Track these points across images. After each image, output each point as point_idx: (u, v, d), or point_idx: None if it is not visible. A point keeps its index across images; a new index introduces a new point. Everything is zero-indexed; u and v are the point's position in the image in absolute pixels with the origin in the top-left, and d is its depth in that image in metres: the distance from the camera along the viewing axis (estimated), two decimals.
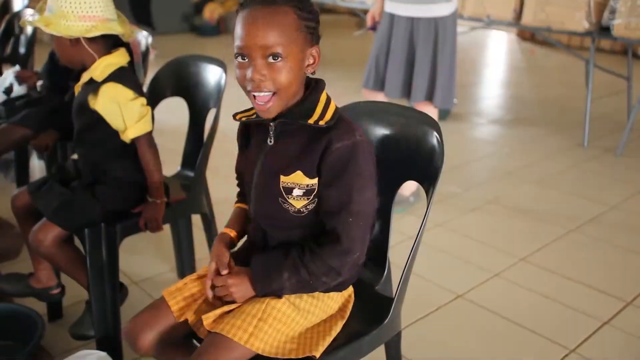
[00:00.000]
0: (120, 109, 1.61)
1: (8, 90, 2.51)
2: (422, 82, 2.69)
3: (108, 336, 1.70)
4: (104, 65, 1.63)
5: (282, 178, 1.11)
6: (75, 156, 1.89)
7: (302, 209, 1.12)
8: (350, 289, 1.25)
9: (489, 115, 4.49)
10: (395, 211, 1.40)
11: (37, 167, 3.04)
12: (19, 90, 2.53)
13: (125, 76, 1.64)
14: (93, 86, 1.63)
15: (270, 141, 1.14)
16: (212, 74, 1.94)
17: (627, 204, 2.92)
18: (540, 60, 6.70)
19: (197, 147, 2.00)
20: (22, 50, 3.00)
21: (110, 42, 1.66)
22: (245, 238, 1.31)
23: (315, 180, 1.10)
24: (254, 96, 1.06)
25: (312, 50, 1.10)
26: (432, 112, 2.73)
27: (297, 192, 1.11)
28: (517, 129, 4.14)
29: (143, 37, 2.68)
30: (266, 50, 1.03)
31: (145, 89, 2.04)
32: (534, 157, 3.56)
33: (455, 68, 2.77)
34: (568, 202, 2.94)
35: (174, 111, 2.45)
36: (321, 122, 1.09)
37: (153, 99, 2.07)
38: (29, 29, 2.98)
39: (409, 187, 2.78)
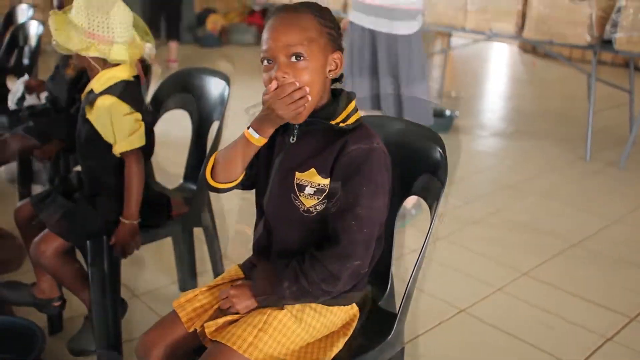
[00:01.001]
0: (112, 122, 1.61)
1: (20, 101, 2.53)
2: (388, 97, 2.62)
3: (109, 350, 1.69)
4: (105, 78, 1.64)
5: (297, 174, 1.13)
6: (78, 167, 1.89)
7: (311, 209, 1.13)
8: (355, 308, 1.24)
9: (490, 127, 4.49)
10: (396, 225, 1.39)
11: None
12: (28, 100, 2.55)
13: (125, 90, 1.64)
14: (91, 97, 1.63)
15: (293, 139, 1.16)
16: (215, 87, 1.94)
17: (630, 217, 2.91)
18: (542, 72, 6.72)
19: (199, 160, 2.00)
20: (26, 61, 3.01)
21: None
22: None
23: (327, 181, 1.12)
24: None
25: (334, 56, 1.14)
26: None
27: (308, 190, 1.12)
28: (518, 141, 4.14)
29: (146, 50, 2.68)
30: (289, 50, 1.07)
31: (147, 102, 2.05)
32: (536, 170, 3.55)
33: (427, 87, 2.68)
34: (570, 215, 2.93)
35: (177, 124, 2.45)
36: (342, 124, 1.12)
37: (156, 112, 2.07)
38: (33, 41, 3.00)
39: (410, 200, 2.77)
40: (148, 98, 2.08)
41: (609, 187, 3.31)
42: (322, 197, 1.12)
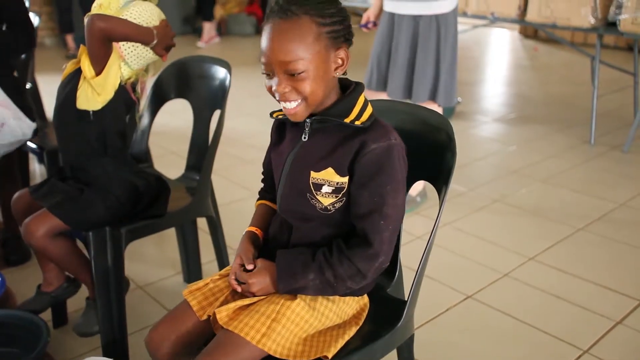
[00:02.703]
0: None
1: None
2: (425, 81, 2.65)
3: (115, 342, 1.68)
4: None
5: (312, 174, 1.11)
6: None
7: (329, 207, 1.12)
8: (367, 298, 1.23)
9: (493, 113, 4.46)
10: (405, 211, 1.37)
11: (37, 171, 3.02)
12: None
13: None
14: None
15: (305, 137, 1.14)
16: (216, 75, 1.92)
17: (636, 200, 2.89)
18: (544, 57, 6.67)
19: (201, 149, 1.97)
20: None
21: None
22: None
23: (345, 179, 1.10)
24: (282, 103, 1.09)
25: (339, 53, 1.09)
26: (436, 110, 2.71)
27: (326, 189, 1.11)
28: (522, 127, 4.11)
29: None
30: (286, 66, 1.04)
31: (149, 95, 2.02)
32: (539, 155, 3.53)
33: (456, 65, 2.74)
34: (576, 200, 2.91)
35: (178, 113, 2.43)
36: (357, 122, 1.09)
37: (156, 101, 2.05)
38: None
39: (416, 187, 2.75)
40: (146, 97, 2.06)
41: (614, 171, 3.28)
42: (340, 195, 1.11)
